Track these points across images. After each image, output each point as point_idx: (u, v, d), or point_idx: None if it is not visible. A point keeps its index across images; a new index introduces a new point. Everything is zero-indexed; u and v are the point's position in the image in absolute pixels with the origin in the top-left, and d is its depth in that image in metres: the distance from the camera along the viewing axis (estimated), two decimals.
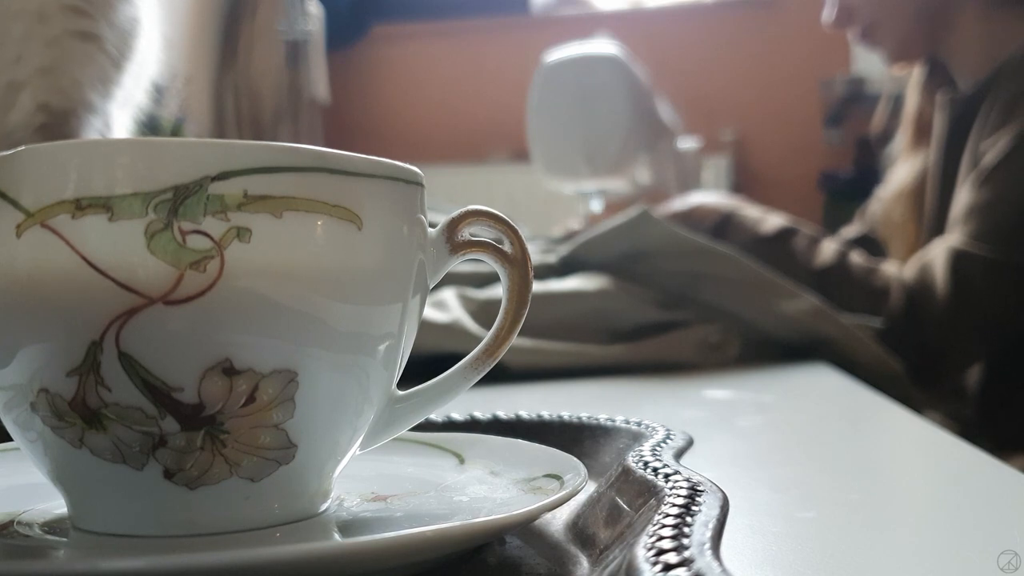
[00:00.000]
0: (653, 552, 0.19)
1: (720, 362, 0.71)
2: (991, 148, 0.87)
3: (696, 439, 0.33)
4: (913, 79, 1.05)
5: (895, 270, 0.91)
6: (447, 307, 0.70)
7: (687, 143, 1.34)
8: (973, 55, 0.96)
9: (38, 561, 0.24)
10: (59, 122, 0.57)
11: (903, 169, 1.06)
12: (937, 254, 0.86)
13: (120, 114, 0.62)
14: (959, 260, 0.84)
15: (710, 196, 1.06)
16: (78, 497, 0.26)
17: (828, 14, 1.01)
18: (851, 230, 1.16)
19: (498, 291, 0.74)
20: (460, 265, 0.30)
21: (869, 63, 2.90)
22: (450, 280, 0.74)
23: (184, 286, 0.22)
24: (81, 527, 0.25)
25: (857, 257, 0.92)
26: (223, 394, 0.23)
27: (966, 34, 0.96)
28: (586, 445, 0.35)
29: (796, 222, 0.96)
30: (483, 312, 0.70)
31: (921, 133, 1.04)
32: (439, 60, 3.45)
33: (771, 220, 0.96)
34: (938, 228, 0.97)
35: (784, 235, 0.93)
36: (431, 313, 0.68)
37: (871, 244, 1.10)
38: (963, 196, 0.88)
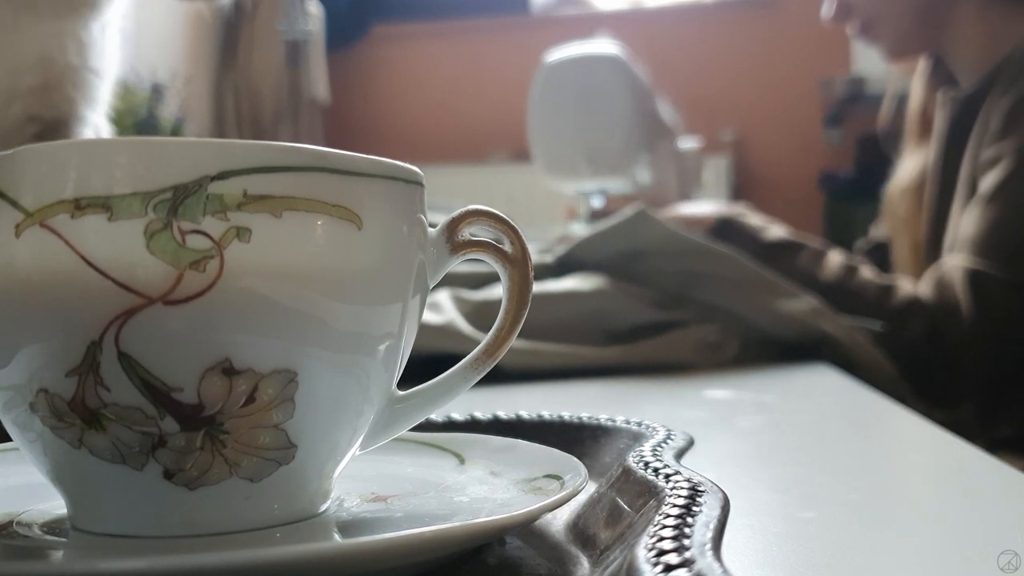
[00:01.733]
0: (654, 553, 0.19)
1: (719, 362, 0.71)
2: (990, 162, 0.87)
3: (696, 439, 0.33)
4: (918, 73, 1.05)
5: (910, 287, 0.89)
6: (441, 309, 0.70)
7: (687, 143, 1.34)
8: (972, 52, 0.96)
9: (37, 562, 0.23)
10: (50, 131, 0.58)
11: (908, 164, 1.05)
12: (952, 273, 0.85)
13: (101, 121, 0.63)
14: (978, 280, 0.83)
15: (707, 205, 1.06)
16: (77, 497, 0.26)
17: (827, 9, 1.01)
18: (877, 233, 1.14)
19: (493, 292, 0.74)
20: (455, 266, 0.30)
21: (869, 63, 2.90)
22: (444, 281, 0.74)
23: (184, 286, 0.22)
24: (80, 527, 0.25)
25: (868, 272, 0.89)
26: (223, 394, 0.23)
27: (965, 30, 0.96)
28: (586, 445, 0.35)
29: (799, 235, 0.94)
30: (477, 314, 0.70)
31: (926, 128, 1.03)
32: (439, 60, 3.45)
33: (773, 230, 0.94)
34: (938, 226, 0.97)
35: (788, 249, 0.91)
36: (424, 315, 0.68)
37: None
38: (970, 214, 0.87)
